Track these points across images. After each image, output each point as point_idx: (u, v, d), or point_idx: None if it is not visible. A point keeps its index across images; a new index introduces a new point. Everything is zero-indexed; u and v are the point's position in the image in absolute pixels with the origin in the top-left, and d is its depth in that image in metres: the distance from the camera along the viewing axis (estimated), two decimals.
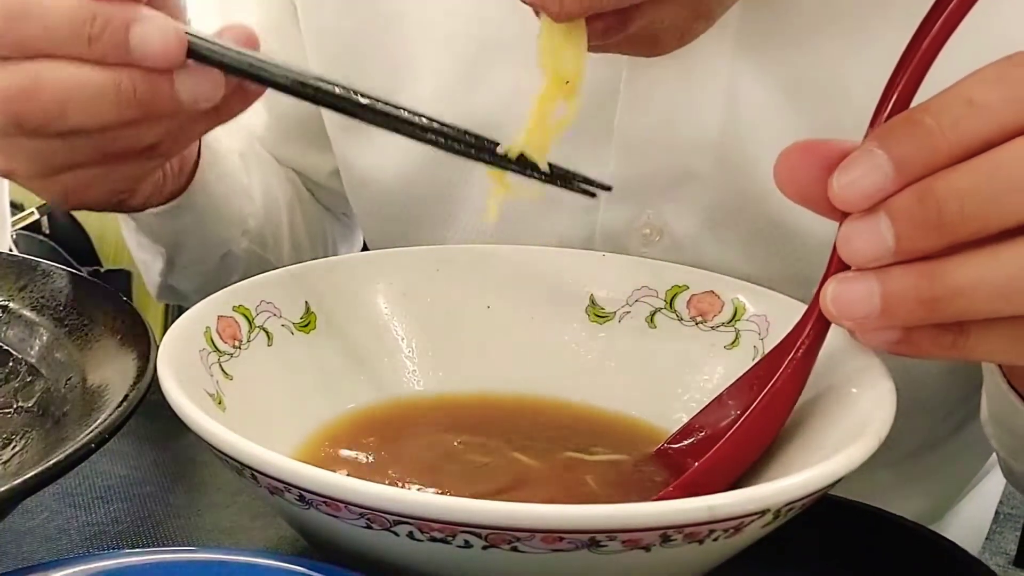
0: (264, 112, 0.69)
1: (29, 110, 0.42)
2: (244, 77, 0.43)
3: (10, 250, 1.19)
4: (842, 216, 0.34)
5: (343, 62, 0.61)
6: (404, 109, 0.42)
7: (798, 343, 0.39)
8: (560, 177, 0.42)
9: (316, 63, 0.62)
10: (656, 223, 0.55)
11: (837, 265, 0.35)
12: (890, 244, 0.32)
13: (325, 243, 0.76)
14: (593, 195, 0.43)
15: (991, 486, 0.74)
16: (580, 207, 0.56)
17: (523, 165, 0.42)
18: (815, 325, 0.38)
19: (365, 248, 0.75)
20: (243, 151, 0.66)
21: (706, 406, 0.43)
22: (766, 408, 0.39)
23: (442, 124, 0.42)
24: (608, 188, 0.43)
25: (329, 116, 0.64)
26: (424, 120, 0.42)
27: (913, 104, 0.35)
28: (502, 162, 0.42)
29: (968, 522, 0.73)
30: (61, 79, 0.41)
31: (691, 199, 0.54)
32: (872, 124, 0.35)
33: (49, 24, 0.41)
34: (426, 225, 0.62)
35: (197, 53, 0.42)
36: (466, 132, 0.42)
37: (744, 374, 0.42)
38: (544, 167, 0.42)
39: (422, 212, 0.61)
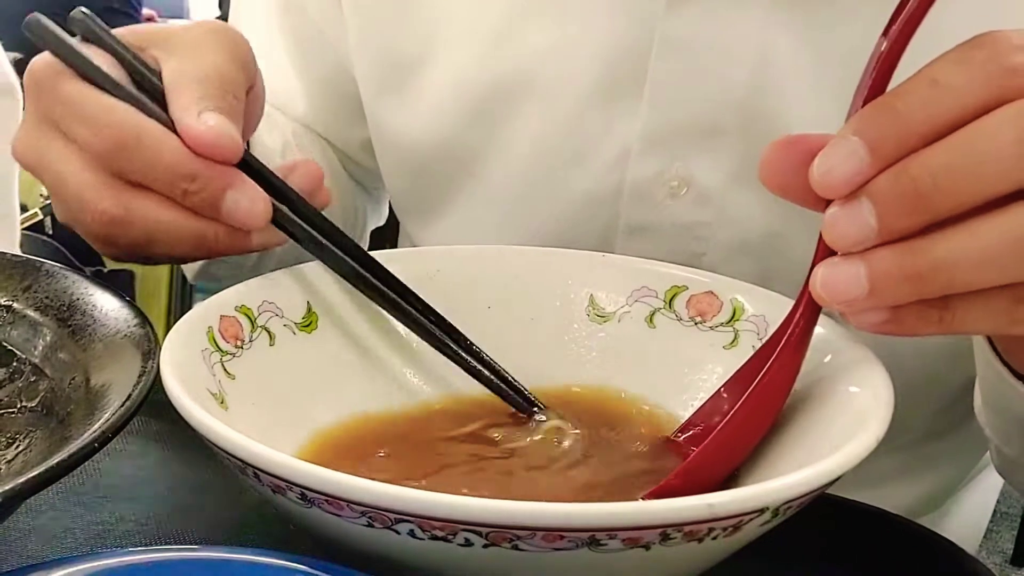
0: (299, 84, 0.71)
1: (119, 234, 0.45)
2: (310, 252, 0.48)
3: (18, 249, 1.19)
4: (825, 205, 0.34)
5: (380, 26, 0.62)
6: (461, 342, 0.48)
7: (789, 331, 0.39)
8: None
9: (353, 26, 0.64)
10: (683, 176, 0.56)
11: (824, 251, 0.35)
12: (873, 225, 0.33)
13: (355, 218, 0.76)
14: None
15: (990, 482, 0.75)
16: (608, 162, 0.57)
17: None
18: (804, 312, 0.39)
19: (392, 216, 0.76)
20: (284, 146, 0.67)
21: (706, 400, 0.44)
22: (759, 396, 0.40)
23: (492, 369, 0.48)
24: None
25: (363, 77, 0.65)
26: (474, 363, 0.48)
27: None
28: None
29: (967, 518, 0.73)
30: (152, 218, 0.44)
31: (718, 152, 0.55)
32: (850, 113, 0.36)
33: (153, 165, 0.43)
34: (454, 183, 0.63)
35: (278, 222, 0.46)
36: (513, 384, 0.48)
37: (742, 366, 0.43)
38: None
39: (450, 171, 0.62)
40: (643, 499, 0.40)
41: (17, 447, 0.43)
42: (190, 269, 0.68)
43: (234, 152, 0.43)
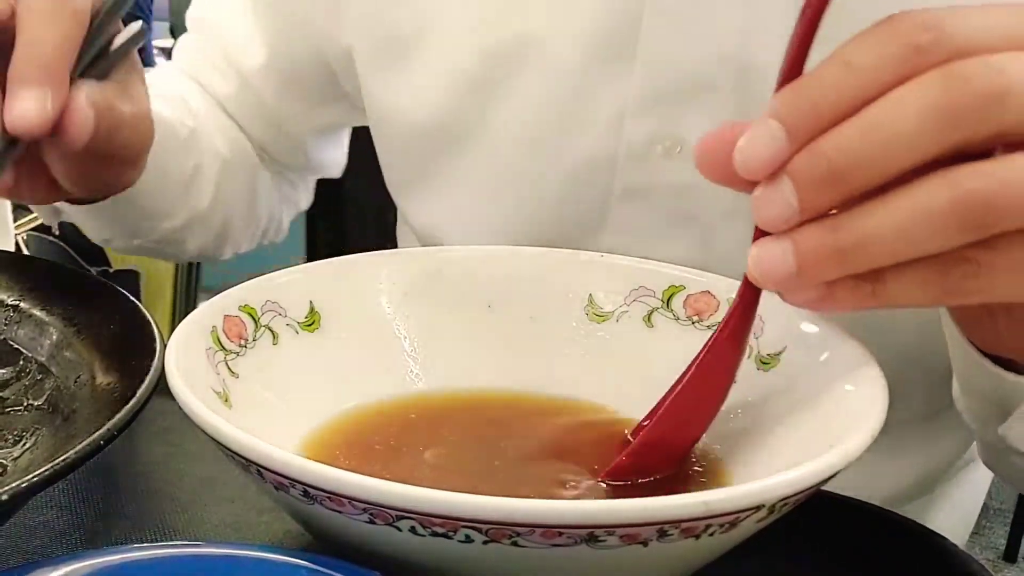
0: (264, 53, 0.71)
1: None
2: None
3: (20, 248, 1.19)
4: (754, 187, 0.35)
5: (380, 3, 0.63)
6: None
7: (730, 310, 0.40)
8: None
9: (355, 4, 0.64)
10: (677, 135, 0.56)
11: (759, 234, 0.36)
12: (794, 204, 0.33)
13: (262, 211, 0.78)
14: None
15: (979, 475, 0.75)
16: (603, 127, 0.57)
17: None
18: (743, 292, 0.39)
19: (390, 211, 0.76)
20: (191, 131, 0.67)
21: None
22: (700, 378, 0.41)
23: None
24: None
25: (361, 54, 0.66)
26: None
27: None
28: None
29: (957, 512, 0.73)
30: None
31: (710, 110, 0.55)
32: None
33: None
34: (450, 156, 0.63)
35: None
36: None
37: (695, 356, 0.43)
38: None
39: (446, 144, 0.63)
40: (600, 480, 0.41)
41: (24, 445, 0.43)
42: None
43: None
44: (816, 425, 0.40)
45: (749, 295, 0.40)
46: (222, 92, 0.73)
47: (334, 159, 0.82)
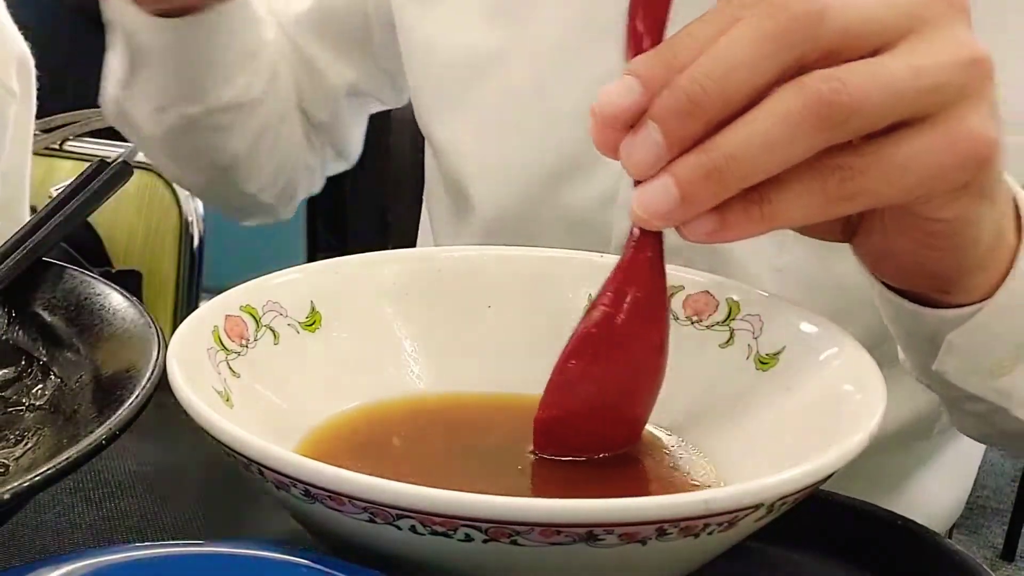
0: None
1: None
2: None
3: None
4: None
5: None
6: None
7: (618, 264, 0.41)
8: None
9: None
10: None
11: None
12: (660, 140, 0.36)
13: (295, 172, 0.81)
14: None
15: (963, 469, 0.76)
16: (621, 47, 0.59)
17: None
18: (638, 241, 0.40)
19: (405, 216, 0.79)
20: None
21: None
22: (581, 338, 0.42)
23: None
24: None
25: None
26: None
27: None
28: None
29: (940, 501, 0.74)
30: None
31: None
32: None
33: None
34: (474, 80, 0.67)
35: None
36: None
37: None
38: None
39: (471, 70, 0.67)
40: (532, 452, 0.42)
41: (26, 444, 0.44)
42: (108, 99, 0.73)
43: None
44: (814, 424, 0.40)
45: (645, 241, 0.40)
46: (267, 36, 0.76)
47: (355, 137, 0.85)
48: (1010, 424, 0.48)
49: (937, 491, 0.73)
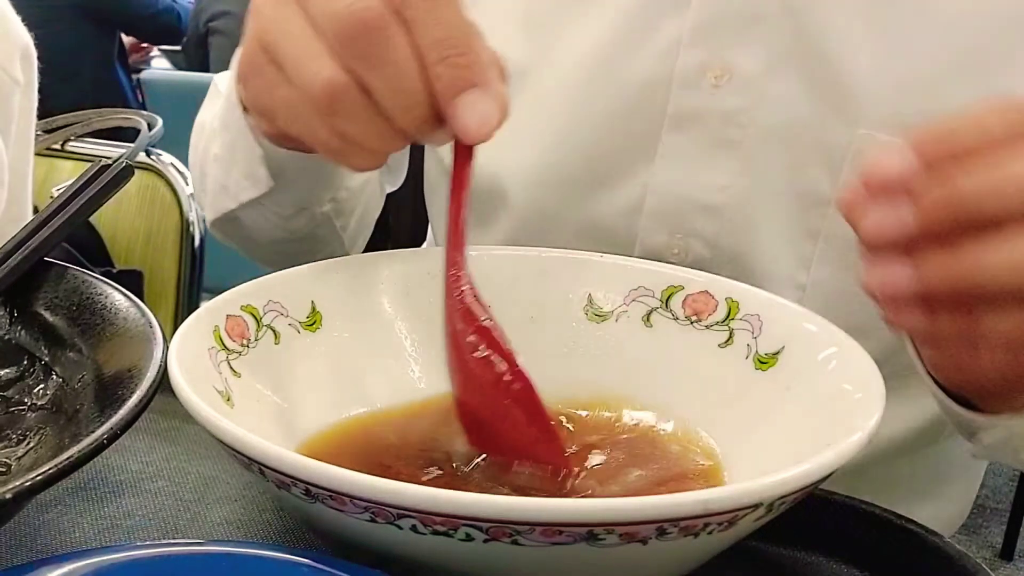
0: None
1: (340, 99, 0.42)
2: None
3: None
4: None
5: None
6: None
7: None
8: None
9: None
10: (726, 64, 0.60)
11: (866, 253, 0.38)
12: (907, 220, 0.37)
13: (368, 230, 0.79)
14: None
15: (972, 472, 0.75)
16: (659, 52, 0.61)
17: None
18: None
19: (407, 219, 0.77)
20: None
21: None
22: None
23: None
24: None
25: None
26: None
27: None
28: None
29: (948, 506, 0.74)
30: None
31: (759, 39, 0.59)
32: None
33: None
34: (511, 90, 0.65)
35: None
36: None
37: None
38: None
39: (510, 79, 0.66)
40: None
41: (28, 444, 0.44)
42: (219, 209, 0.69)
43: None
44: (813, 424, 0.40)
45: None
46: None
47: (399, 163, 0.82)
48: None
49: (944, 496, 0.73)
